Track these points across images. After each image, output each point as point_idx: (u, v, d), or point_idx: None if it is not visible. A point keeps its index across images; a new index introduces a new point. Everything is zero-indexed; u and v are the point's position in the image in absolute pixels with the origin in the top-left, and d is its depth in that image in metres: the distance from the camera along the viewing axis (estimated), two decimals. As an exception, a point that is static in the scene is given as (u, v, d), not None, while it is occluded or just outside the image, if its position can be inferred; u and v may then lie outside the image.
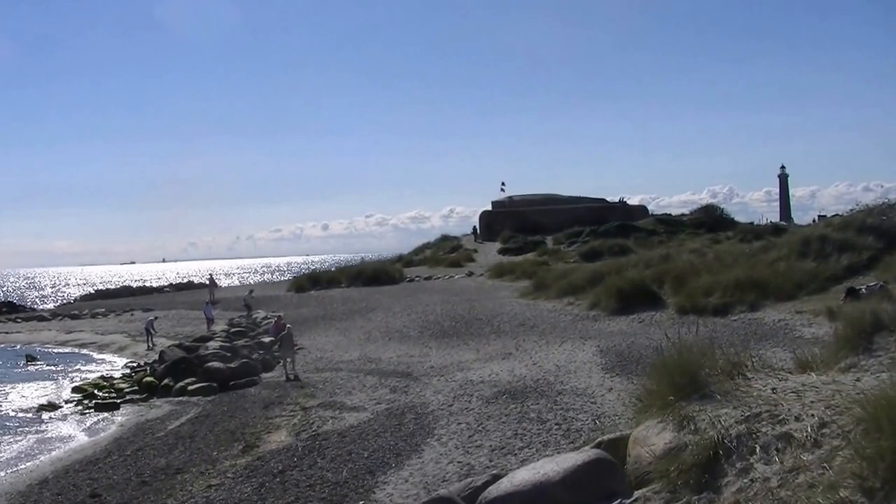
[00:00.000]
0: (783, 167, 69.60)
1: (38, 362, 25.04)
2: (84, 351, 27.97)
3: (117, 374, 21.16)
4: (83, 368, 23.30)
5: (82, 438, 14.13)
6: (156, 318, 27.90)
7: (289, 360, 17.43)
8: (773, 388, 5.49)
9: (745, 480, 4.43)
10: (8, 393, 19.33)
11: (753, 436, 4.73)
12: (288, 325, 19.13)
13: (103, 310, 40.88)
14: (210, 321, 27.84)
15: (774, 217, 65.38)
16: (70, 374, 22.03)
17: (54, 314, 42.73)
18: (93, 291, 67.54)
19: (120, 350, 27.17)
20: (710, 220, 50.92)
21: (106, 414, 16.06)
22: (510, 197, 62.18)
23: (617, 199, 61.21)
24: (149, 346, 25.38)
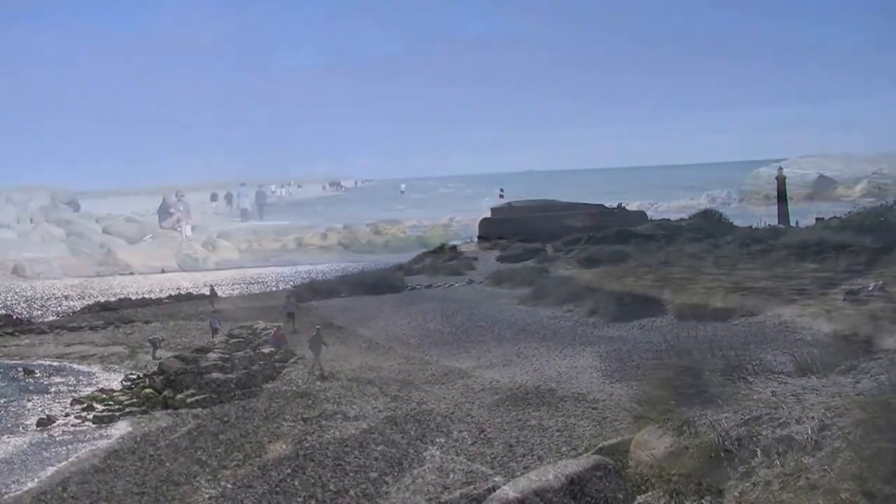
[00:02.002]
0: (780, 169, 69.59)
1: (37, 375, 24.93)
2: (83, 363, 27.80)
3: (117, 387, 21.09)
4: (82, 381, 23.18)
5: (81, 451, 14.06)
6: (163, 339, 27.99)
7: (316, 359, 18.76)
8: (773, 392, 5.49)
9: (747, 483, 4.42)
10: (6, 406, 19.24)
11: (754, 439, 4.72)
12: (317, 327, 20.33)
13: (102, 322, 40.70)
14: (215, 331, 27.99)
15: (773, 221, 65.38)
16: (69, 387, 21.93)
17: (53, 326, 42.44)
18: (92, 304, 67.25)
19: (119, 362, 27.03)
20: (709, 224, 51.01)
21: (106, 426, 16.00)
22: (509, 203, 62.34)
23: (615, 205, 61.30)
24: (154, 357, 25.34)
